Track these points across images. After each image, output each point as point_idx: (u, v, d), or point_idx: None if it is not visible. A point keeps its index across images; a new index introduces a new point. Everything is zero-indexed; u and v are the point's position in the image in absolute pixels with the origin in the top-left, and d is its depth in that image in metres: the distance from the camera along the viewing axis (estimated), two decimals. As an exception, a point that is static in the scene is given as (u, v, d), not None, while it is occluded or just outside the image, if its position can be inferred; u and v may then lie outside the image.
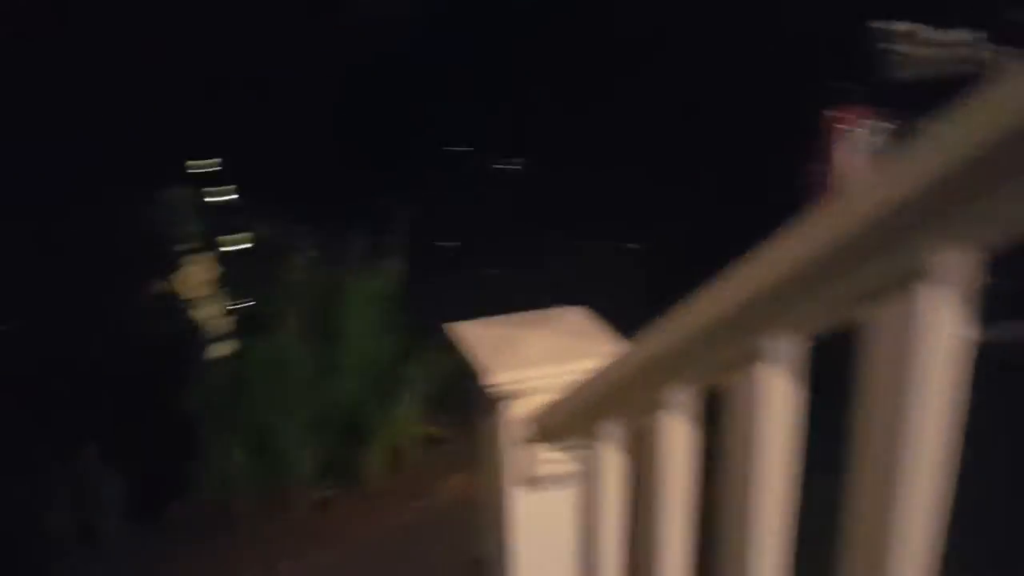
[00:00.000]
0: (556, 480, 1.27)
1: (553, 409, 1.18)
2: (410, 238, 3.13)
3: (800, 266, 0.67)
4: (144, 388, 2.62)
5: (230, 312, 2.71)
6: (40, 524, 2.41)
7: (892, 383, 0.63)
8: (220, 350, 2.64)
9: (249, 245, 3.42)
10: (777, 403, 0.79)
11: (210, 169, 4.07)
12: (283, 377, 2.77)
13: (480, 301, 1.68)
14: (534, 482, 1.28)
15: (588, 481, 1.21)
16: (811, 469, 0.84)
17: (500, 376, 1.21)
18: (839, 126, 2.66)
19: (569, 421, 1.16)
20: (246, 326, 2.80)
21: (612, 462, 1.14)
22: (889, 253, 0.61)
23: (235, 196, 3.72)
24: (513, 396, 1.23)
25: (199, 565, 2.65)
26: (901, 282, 0.61)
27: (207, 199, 3.60)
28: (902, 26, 3.07)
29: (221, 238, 3.13)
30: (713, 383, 0.90)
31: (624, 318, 1.33)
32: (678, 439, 0.96)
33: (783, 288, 0.70)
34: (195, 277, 2.55)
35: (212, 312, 2.60)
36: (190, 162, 3.95)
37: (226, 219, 3.48)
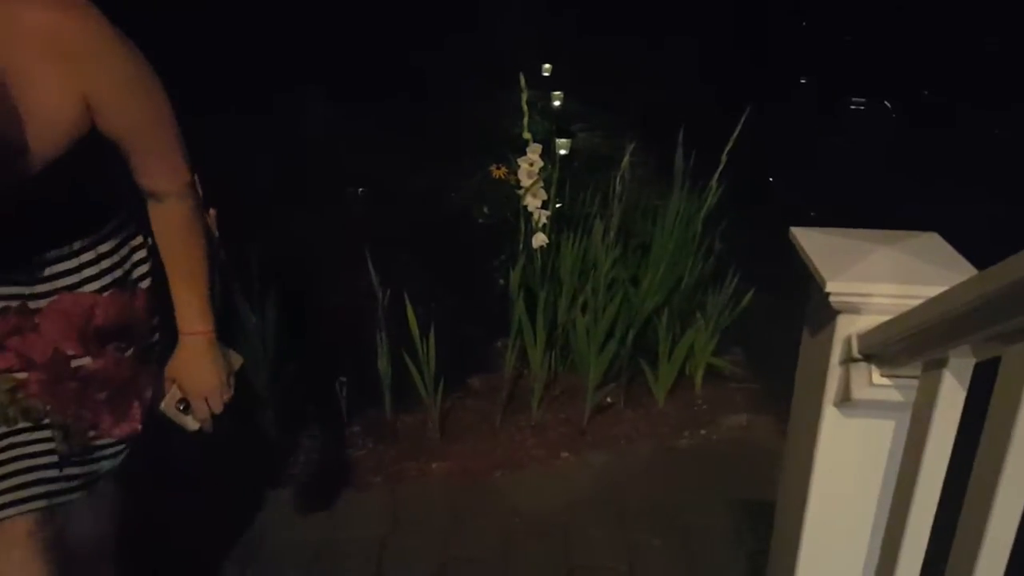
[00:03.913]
0: (878, 407, 1.19)
1: (892, 327, 1.10)
2: (739, 167, 3.03)
3: None
4: (470, 262, 2.86)
5: (552, 208, 2.83)
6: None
7: None
8: (538, 240, 2.77)
9: (564, 152, 3.52)
10: None
11: (544, 74, 4.25)
12: (588, 279, 2.86)
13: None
14: (855, 406, 1.21)
15: (916, 413, 1.11)
16: None
17: (844, 285, 1.15)
18: None
19: (908, 343, 1.07)
20: (561, 225, 2.92)
21: (952, 395, 1.04)
22: None
23: (559, 102, 3.86)
24: (854, 310, 1.17)
25: (487, 434, 2.88)
26: None
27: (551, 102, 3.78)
28: None
29: (555, 139, 3.28)
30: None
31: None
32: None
33: None
34: (529, 166, 2.68)
35: (537, 203, 2.73)
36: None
37: (557, 122, 3.63)
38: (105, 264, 1.48)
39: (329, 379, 2.70)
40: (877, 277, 1.15)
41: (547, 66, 4.50)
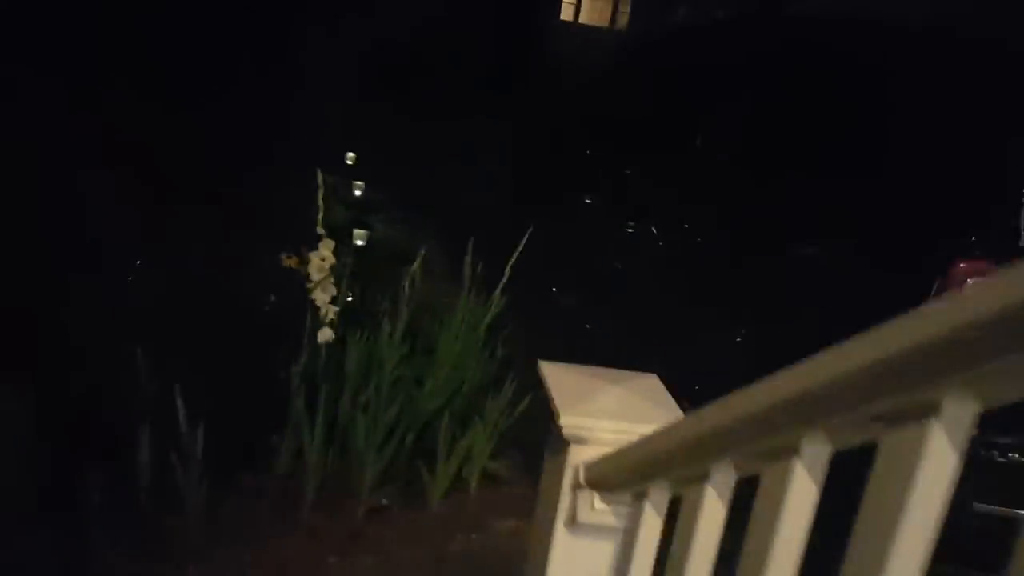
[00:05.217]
0: (599, 530, 1.31)
1: (609, 461, 1.23)
2: (529, 275, 3.19)
3: (840, 382, 0.74)
4: (249, 352, 2.79)
5: (342, 302, 2.85)
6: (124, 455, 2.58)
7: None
8: (324, 335, 2.77)
9: (361, 243, 3.55)
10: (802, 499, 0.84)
11: (349, 163, 4.31)
12: (372, 377, 2.88)
13: (574, 349, 1.74)
14: (581, 528, 1.31)
15: (626, 536, 1.24)
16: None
17: (574, 420, 1.28)
18: (967, 277, 2.66)
19: (620, 476, 1.22)
20: (351, 320, 2.93)
21: (650, 522, 1.17)
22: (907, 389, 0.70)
23: (361, 192, 3.91)
24: (582, 441, 1.29)
25: (253, 536, 2.76)
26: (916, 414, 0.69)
27: (352, 191, 3.82)
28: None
29: (354, 230, 3.30)
30: (753, 470, 0.95)
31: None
32: (712, 512, 0.99)
33: (822, 397, 0.77)
34: (320, 261, 2.70)
35: (326, 298, 2.74)
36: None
37: (357, 213, 3.67)
38: None
39: (82, 472, 2.51)
40: (600, 414, 1.30)
41: (351, 154, 4.54)
